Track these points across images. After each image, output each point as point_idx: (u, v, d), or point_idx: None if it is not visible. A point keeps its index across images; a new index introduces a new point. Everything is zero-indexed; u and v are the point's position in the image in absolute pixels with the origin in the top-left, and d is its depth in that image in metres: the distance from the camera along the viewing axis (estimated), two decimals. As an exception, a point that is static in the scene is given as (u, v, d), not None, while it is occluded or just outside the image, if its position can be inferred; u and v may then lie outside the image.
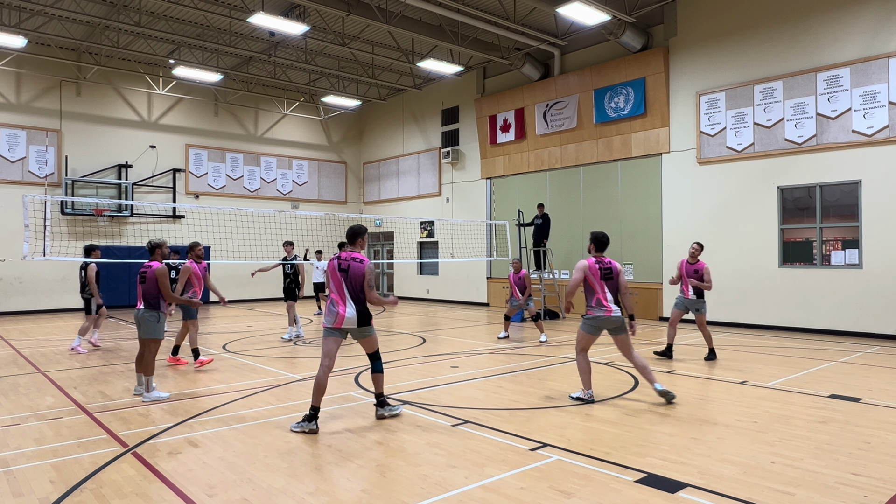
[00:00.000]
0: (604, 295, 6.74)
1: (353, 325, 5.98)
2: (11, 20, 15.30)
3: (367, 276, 5.98)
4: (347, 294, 5.98)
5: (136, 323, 7.18)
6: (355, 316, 5.97)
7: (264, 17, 13.66)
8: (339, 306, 5.97)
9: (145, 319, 7.12)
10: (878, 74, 11.75)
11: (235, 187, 22.15)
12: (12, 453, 5.10)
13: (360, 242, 6.24)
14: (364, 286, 5.98)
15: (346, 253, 6.13)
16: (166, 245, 7.55)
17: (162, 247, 7.41)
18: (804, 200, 12.96)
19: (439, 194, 21.68)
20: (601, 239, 6.99)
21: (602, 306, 6.73)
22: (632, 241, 15.92)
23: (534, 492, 4.19)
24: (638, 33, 15.11)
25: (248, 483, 4.40)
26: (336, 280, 6.02)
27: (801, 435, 5.47)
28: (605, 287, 6.76)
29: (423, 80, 21.55)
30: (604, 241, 7.00)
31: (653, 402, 6.73)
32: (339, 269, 6.02)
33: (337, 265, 6.06)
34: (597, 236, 7.02)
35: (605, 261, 6.88)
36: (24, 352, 10.68)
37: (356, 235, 6.22)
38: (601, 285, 6.75)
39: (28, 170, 18.12)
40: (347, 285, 5.97)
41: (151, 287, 7.14)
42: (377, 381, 6.23)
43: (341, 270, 6.00)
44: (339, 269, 6.02)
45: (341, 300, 5.98)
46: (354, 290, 5.98)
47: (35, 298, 18.10)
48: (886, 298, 11.65)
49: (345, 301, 5.98)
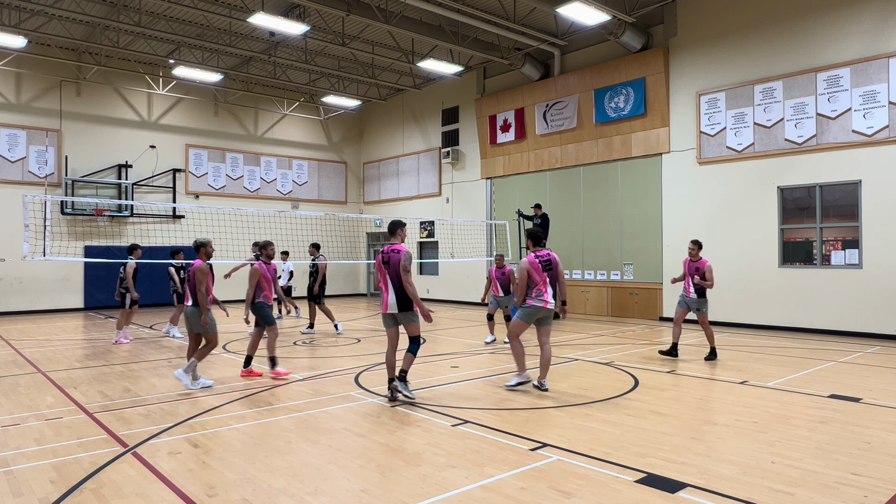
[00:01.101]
0: (545, 286, 7.28)
1: (396, 309, 6.72)
2: (11, 20, 15.30)
3: (402, 261, 6.68)
4: (390, 282, 6.74)
5: (187, 319, 7.51)
6: (396, 301, 6.71)
7: (264, 17, 13.65)
8: (385, 294, 6.80)
9: (194, 315, 7.47)
10: (878, 74, 11.75)
11: (235, 187, 22.15)
12: (12, 453, 5.10)
13: (399, 234, 6.95)
14: (400, 271, 6.65)
15: (387, 246, 6.87)
16: (210, 245, 7.75)
17: (206, 246, 7.66)
18: (804, 200, 12.96)
19: (439, 194, 21.68)
20: (537, 234, 7.59)
21: (541, 297, 7.27)
22: (632, 241, 15.92)
23: (534, 492, 4.19)
24: (638, 33, 15.11)
25: (248, 483, 4.40)
26: (381, 272, 6.81)
27: (801, 435, 5.47)
28: (547, 278, 7.30)
29: (423, 80, 21.55)
30: (539, 236, 7.59)
31: (653, 402, 6.74)
32: (383, 262, 6.80)
33: (381, 259, 6.83)
34: (532, 233, 7.62)
35: (542, 253, 7.43)
36: (24, 352, 10.68)
37: (396, 227, 6.96)
38: (543, 277, 7.28)
39: (28, 170, 18.12)
40: (390, 273, 6.74)
41: (195, 285, 7.42)
42: (407, 360, 6.90)
43: (384, 263, 6.79)
44: (383, 262, 6.80)
45: (385, 288, 6.79)
46: (394, 278, 6.70)
47: (35, 298, 18.10)
48: (886, 298, 11.65)
49: (388, 288, 6.76)
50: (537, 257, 7.34)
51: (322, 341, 11.73)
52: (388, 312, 6.81)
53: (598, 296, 16.50)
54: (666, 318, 14.94)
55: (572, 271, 17.27)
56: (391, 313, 6.79)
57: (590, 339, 12.02)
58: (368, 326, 14.15)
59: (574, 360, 9.37)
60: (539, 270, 7.27)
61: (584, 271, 17.00)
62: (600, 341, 11.62)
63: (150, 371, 8.76)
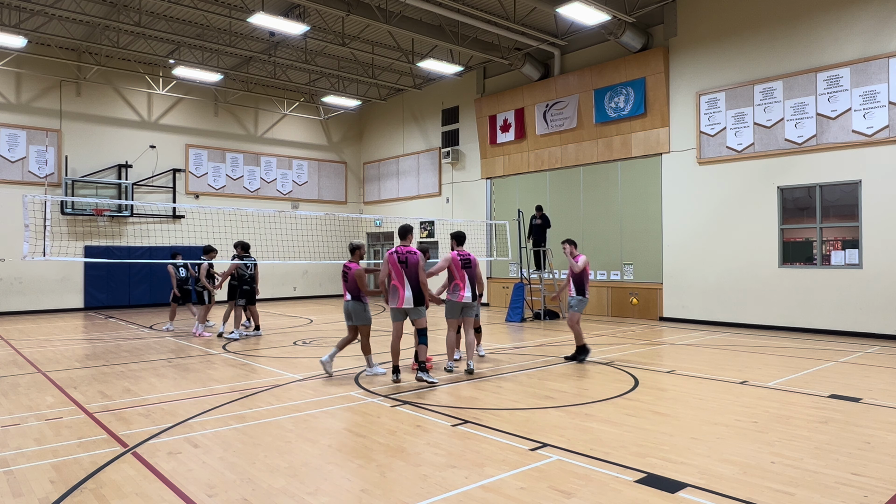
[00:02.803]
0: (462, 281, 8.25)
1: (411, 304, 7.54)
2: (11, 20, 15.30)
3: (420, 263, 7.58)
4: (407, 280, 7.52)
5: (346, 313, 8.27)
6: (412, 297, 7.54)
7: (264, 17, 13.66)
8: (400, 291, 7.54)
9: (355, 309, 8.23)
10: (878, 74, 11.75)
11: (235, 187, 22.15)
12: (12, 453, 5.10)
13: (410, 238, 7.83)
14: (419, 272, 7.53)
15: (401, 248, 7.63)
16: (363, 248, 8.52)
17: (361, 248, 8.44)
18: (804, 200, 12.96)
19: (439, 194, 21.68)
20: (461, 235, 8.61)
21: (458, 292, 8.25)
22: (632, 241, 15.92)
23: (534, 492, 4.19)
24: (638, 33, 15.11)
25: (248, 483, 4.40)
26: (397, 270, 7.55)
27: (801, 435, 5.47)
28: (466, 275, 8.26)
29: (423, 80, 21.54)
30: (462, 237, 8.61)
31: (653, 402, 6.74)
32: (399, 262, 7.54)
33: (397, 258, 7.56)
34: (456, 234, 8.61)
35: (464, 253, 8.47)
36: (24, 352, 10.68)
37: (408, 231, 7.84)
38: (461, 274, 8.26)
39: (28, 170, 18.11)
40: (407, 273, 7.52)
41: (353, 283, 8.24)
42: (421, 351, 7.65)
43: (401, 262, 7.54)
44: (399, 262, 7.54)
45: (401, 286, 7.53)
46: (411, 277, 7.52)
47: (35, 298, 18.10)
48: (886, 298, 11.65)
49: (404, 286, 7.52)
50: (459, 255, 8.34)
51: (322, 341, 11.74)
52: (402, 307, 7.56)
53: (597, 296, 16.50)
54: (666, 318, 14.94)
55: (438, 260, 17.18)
56: (405, 308, 7.58)
57: (590, 339, 12.01)
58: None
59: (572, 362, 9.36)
60: (458, 267, 8.27)
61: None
62: (600, 341, 11.62)
63: (150, 371, 8.76)
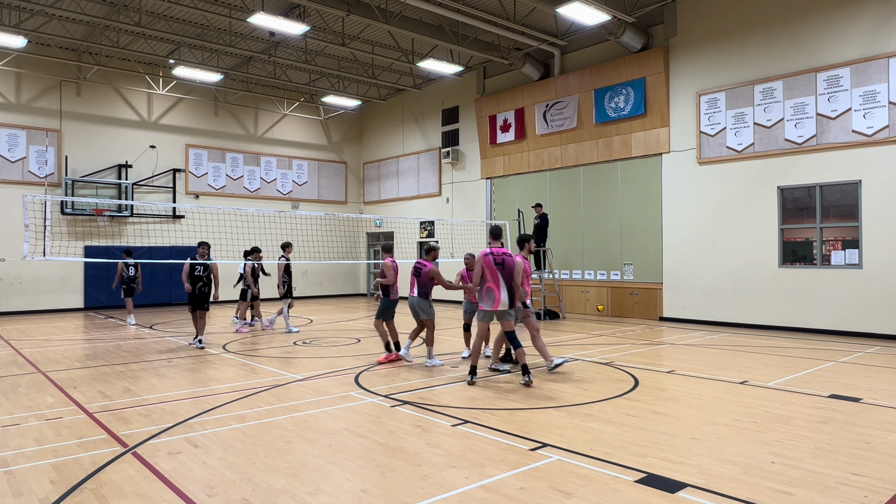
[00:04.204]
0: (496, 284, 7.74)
1: (506, 306, 7.55)
2: (11, 20, 15.30)
3: (517, 268, 7.67)
4: (503, 282, 7.54)
5: (411, 307, 8.88)
6: (508, 300, 7.53)
7: (264, 17, 13.65)
8: (496, 293, 7.53)
9: (420, 305, 8.83)
10: (878, 74, 11.75)
11: (235, 187, 22.14)
12: (12, 453, 5.10)
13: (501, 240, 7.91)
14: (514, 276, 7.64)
15: (496, 249, 7.67)
16: (439, 250, 9.16)
17: (436, 250, 9.17)
18: (804, 200, 12.96)
19: (439, 194, 21.68)
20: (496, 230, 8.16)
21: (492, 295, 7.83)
22: (632, 241, 15.91)
23: (534, 492, 4.19)
24: (638, 33, 15.11)
25: (248, 483, 4.40)
26: (492, 271, 7.54)
27: (801, 435, 5.47)
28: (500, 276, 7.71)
29: (423, 80, 21.54)
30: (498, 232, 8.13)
31: (653, 402, 6.74)
32: (496, 263, 7.54)
33: (492, 260, 7.55)
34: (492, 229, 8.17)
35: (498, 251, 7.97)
36: (24, 352, 10.68)
37: (500, 232, 7.94)
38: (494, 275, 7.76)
39: (28, 170, 18.11)
40: (503, 275, 7.55)
41: (426, 280, 8.84)
42: (520, 356, 7.60)
43: (497, 264, 7.55)
44: (496, 263, 7.54)
45: (497, 287, 7.53)
46: (507, 278, 7.56)
47: (35, 298, 18.10)
48: (886, 298, 11.65)
49: (500, 288, 7.53)
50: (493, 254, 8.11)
51: (322, 341, 11.74)
52: (498, 309, 7.56)
53: (597, 296, 16.50)
54: (666, 318, 14.94)
55: (572, 271, 17.27)
56: (501, 310, 7.57)
57: (590, 339, 12.02)
58: (368, 326, 14.15)
59: (574, 360, 9.37)
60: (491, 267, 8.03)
61: (584, 271, 17.00)
62: (600, 341, 11.62)
63: (150, 371, 8.77)
